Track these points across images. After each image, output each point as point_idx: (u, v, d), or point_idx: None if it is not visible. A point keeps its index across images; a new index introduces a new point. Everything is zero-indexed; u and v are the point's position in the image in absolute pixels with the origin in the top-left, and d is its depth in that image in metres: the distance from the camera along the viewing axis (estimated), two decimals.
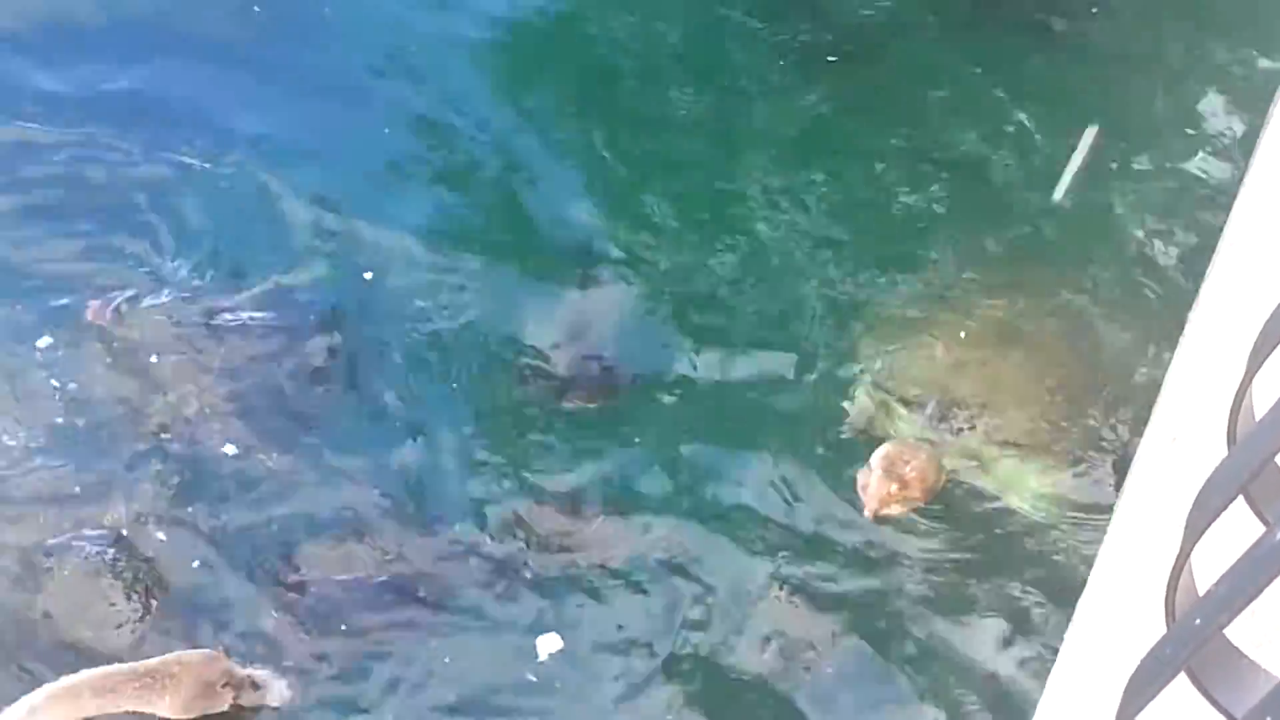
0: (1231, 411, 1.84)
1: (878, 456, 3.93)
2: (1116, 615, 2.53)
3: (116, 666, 3.52)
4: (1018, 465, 4.11)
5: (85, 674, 3.52)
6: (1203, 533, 1.69)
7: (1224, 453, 1.83)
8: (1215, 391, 2.60)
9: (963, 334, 4.37)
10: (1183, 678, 1.69)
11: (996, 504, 4.12)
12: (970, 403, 4.19)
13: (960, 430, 4.13)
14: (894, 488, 3.88)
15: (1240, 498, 1.70)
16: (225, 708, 3.57)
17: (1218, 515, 1.68)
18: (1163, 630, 1.78)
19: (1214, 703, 1.69)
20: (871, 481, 3.90)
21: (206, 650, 3.61)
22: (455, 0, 5.43)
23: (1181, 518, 1.80)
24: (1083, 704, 2.47)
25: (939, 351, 4.31)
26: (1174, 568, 1.75)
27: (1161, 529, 2.47)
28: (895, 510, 3.93)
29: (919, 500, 3.95)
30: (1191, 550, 1.73)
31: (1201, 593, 1.72)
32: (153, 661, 3.51)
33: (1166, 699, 1.74)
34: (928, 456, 3.95)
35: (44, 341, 4.50)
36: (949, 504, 4.10)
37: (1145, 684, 1.74)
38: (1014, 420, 4.17)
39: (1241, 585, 1.59)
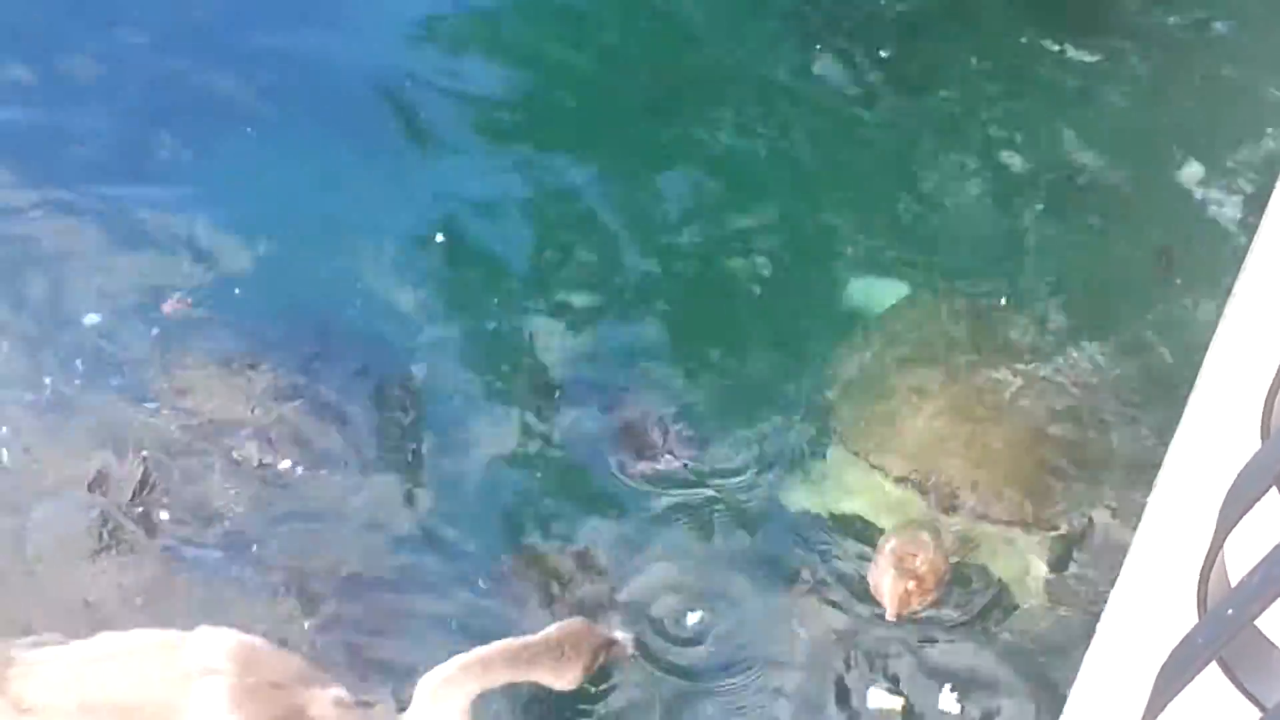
0: (1265, 403, 1.85)
1: (885, 554, 3.86)
2: (1149, 605, 2.53)
3: (531, 639, 3.43)
4: (1021, 536, 4.06)
5: (500, 644, 3.41)
6: (1236, 523, 1.70)
7: (1258, 444, 1.84)
8: (1250, 383, 2.60)
9: (953, 397, 4.24)
10: (1214, 668, 1.70)
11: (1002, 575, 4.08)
12: (962, 477, 4.09)
13: (955, 509, 4.05)
14: (911, 585, 3.82)
15: (1274, 489, 1.70)
16: (594, 672, 3.52)
17: (1251, 506, 1.68)
18: (1195, 620, 1.79)
19: (1245, 693, 1.70)
20: (885, 583, 3.83)
21: (578, 619, 3.54)
22: None
23: (1215, 508, 1.81)
24: (1114, 692, 2.48)
25: (928, 418, 4.19)
26: (1206, 558, 1.76)
27: (1194, 519, 2.47)
28: (915, 605, 3.88)
29: (935, 593, 3.90)
30: (1224, 541, 1.74)
31: (1234, 583, 1.73)
32: (554, 632, 3.42)
33: (1197, 689, 1.75)
34: (934, 545, 3.90)
35: (91, 319, 4.42)
36: (960, 581, 4.03)
37: (1176, 674, 1.75)
38: (1008, 493, 4.09)
39: (1274, 575, 1.60)
